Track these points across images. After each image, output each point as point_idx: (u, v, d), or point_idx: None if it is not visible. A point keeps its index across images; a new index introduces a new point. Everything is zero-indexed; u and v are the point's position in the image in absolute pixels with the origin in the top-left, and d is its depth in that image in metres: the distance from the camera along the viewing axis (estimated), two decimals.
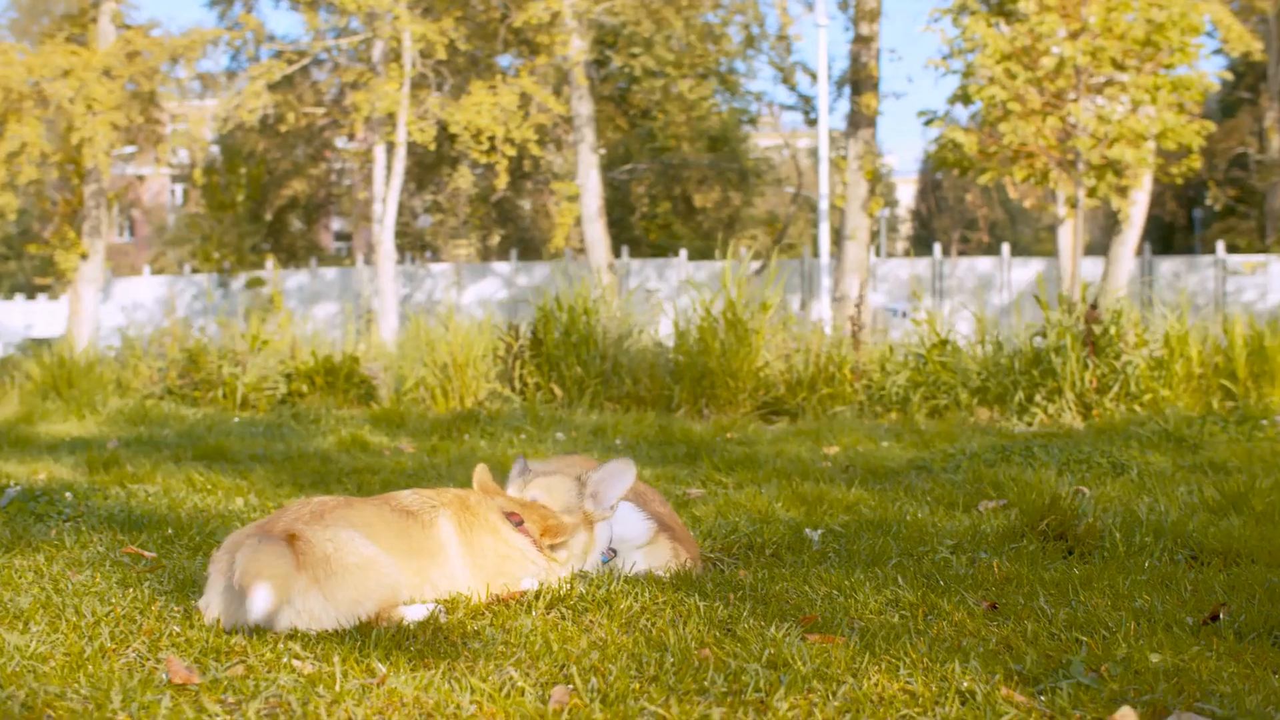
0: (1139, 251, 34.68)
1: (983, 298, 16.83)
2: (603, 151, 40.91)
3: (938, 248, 39.93)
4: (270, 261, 43.58)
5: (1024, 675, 3.30)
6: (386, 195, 34.21)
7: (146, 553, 5.14)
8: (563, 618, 3.93)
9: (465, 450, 9.47)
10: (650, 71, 40.48)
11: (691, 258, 41.73)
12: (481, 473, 4.50)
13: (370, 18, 32.95)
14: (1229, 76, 24.78)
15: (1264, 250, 40.31)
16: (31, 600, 4.11)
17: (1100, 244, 45.11)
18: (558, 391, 13.17)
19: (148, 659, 3.46)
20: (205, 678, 3.22)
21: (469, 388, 13.59)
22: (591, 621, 3.89)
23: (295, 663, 3.39)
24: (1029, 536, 5.29)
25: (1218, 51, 35.67)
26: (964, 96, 24.37)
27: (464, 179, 41.68)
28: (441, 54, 32.59)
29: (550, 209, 46.59)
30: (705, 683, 3.23)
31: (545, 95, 33.09)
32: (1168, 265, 37.40)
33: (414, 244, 51.00)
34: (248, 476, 7.88)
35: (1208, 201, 44.99)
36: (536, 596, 4.13)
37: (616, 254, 38.56)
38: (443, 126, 34.51)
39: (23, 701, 2.98)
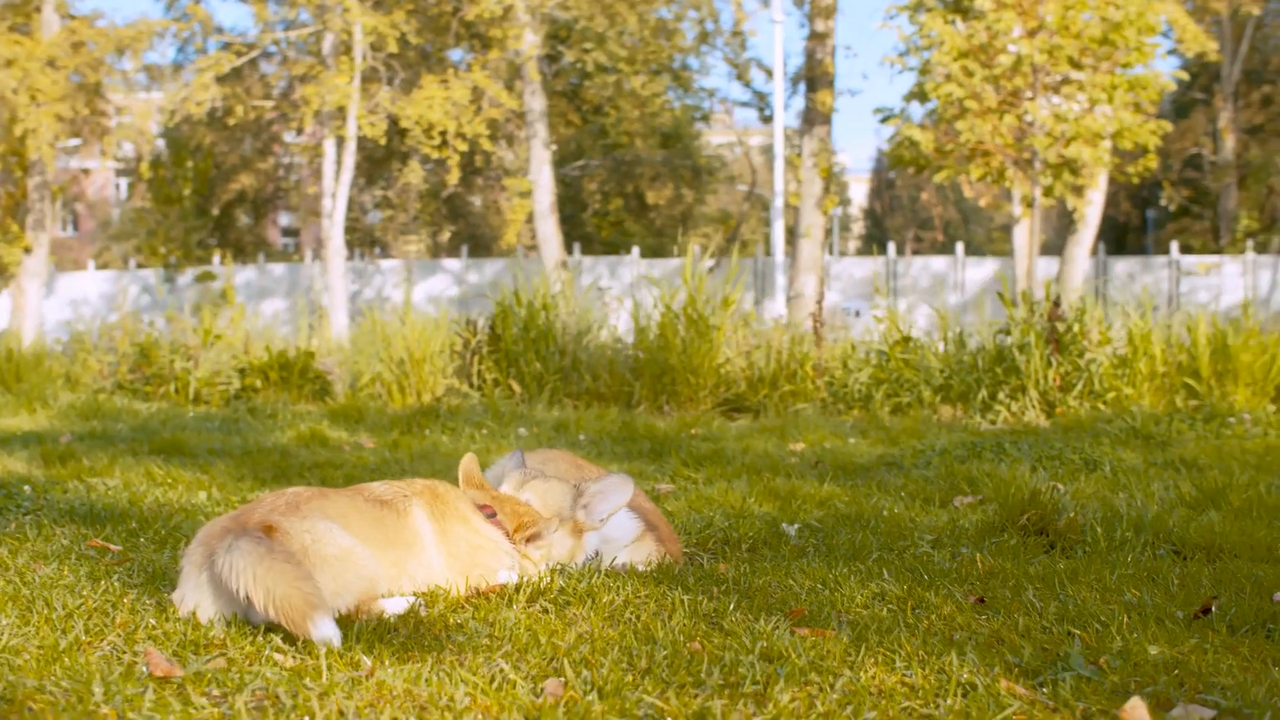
0: (1094, 252, 34.88)
1: (939, 297, 16.89)
2: (555, 147, 40.81)
3: (891, 246, 40.02)
4: (218, 256, 43.21)
5: (1023, 668, 3.28)
6: (336, 190, 33.94)
7: (112, 546, 5.04)
8: (545, 611, 3.88)
9: (427, 446, 9.39)
10: (603, 67, 40.43)
11: (644, 255, 41.69)
12: (468, 462, 4.42)
13: (320, 10, 32.70)
14: (1184, 76, 24.90)
15: (1218, 251, 40.73)
16: None
17: (1055, 244, 45.41)
18: (516, 388, 13.08)
19: (124, 652, 3.37)
20: (187, 670, 3.13)
21: (426, 383, 13.48)
22: (575, 615, 3.84)
23: (277, 656, 3.32)
24: (1009, 531, 5.28)
25: (1172, 52, 35.98)
26: (920, 94, 24.40)
27: (414, 174, 41.50)
28: (393, 47, 32.40)
29: (502, 205, 46.42)
30: (701, 674, 3.17)
31: (497, 90, 32.96)
32: (1122, 265, 37.64)
33: (363, 240, 50.75)
34: (208, 471, 7.76)
35: (1162, 202, 45.43)
36: (517, 589, 4.06)
37: (568, 251, 38.48)
38: (393, 121, 34.33)
39: (1, 694, 2.88)
